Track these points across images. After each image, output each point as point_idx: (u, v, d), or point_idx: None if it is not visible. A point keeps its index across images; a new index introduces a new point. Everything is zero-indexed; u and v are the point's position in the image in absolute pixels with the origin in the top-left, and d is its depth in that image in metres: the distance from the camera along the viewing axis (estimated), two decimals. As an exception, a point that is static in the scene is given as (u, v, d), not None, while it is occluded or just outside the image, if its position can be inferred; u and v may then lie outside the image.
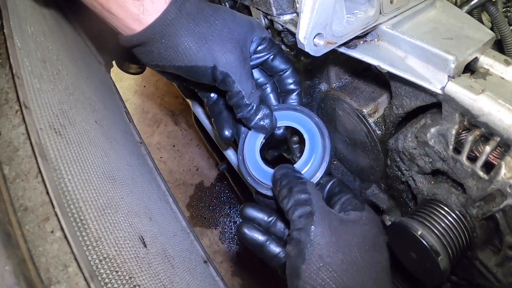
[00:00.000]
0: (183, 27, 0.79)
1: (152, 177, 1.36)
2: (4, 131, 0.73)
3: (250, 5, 0.98)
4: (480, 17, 1.04)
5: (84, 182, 0.77)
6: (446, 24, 0.82)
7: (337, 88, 1.09)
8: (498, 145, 0.71)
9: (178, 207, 1.40)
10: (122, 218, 0.84)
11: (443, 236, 0.79)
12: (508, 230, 0.74)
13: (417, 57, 0.77)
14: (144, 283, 0.76)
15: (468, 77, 0.74)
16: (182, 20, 0.79)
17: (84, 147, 0.88)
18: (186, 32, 0.79)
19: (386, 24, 0.80)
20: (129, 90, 3.26)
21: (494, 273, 0.82)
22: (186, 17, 0.79)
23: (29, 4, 1.09)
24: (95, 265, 0.66)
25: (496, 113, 0.69)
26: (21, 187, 0.68)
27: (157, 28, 0.77)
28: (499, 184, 0.70)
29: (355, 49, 0.82)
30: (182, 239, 1.25)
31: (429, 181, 0.88)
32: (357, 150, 1.13)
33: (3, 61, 0.82)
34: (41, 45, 1.00)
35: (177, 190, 2.83)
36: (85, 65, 1.40)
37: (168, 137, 3.08)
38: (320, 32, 0.72)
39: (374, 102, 1.02)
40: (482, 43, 0.77)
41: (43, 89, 0.86)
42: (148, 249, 0.88)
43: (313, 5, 0.69)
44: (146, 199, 1.13)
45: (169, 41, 0.79)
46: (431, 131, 0.80)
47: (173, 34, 0.79)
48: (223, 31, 0.81)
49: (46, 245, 0.63)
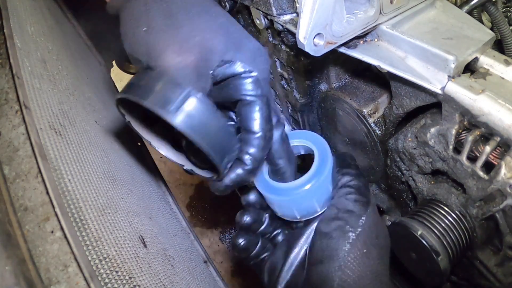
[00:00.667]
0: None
1: (152, 177, 1.37)
2: (4, 131, 0.73)
3: (250, 5, 0.98)
4: (480, 17, 1.04)
5: (84, 182, 0.77)
6: (446, 24, 0.82)
7: (337, 88, 1.09)
8: (498, 145, 0.71)
9: (178, 207, 1.40)
10: (122, 218, 0.84)
11: (443, 236, 0.79)
12: (508, 230, 0.74)
13: (417, 57, 0.77)
14: (144, 283, 0.76)
15: (468, 77, 0.74)
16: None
17: (84, 147, 0.88)
18: (135, 10, 0.67)
19: (386, 24, 0.80)
20: (129, 90, 3.25)
21: (494, 273, 0.82)
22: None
23: (29, 4, 1.09)
24: (95, 265, 0.66)
25: (496, 113, 0.69)
26: (21, 187, 0.68)
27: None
28: (499, 184, 0.70)
29: (355, 49, 0.82)
30: (182, 239, 1.25)
31: (429, 181, 0.88)
32: (357, 150, 1.13)
33: (3, 61, 0.82)
34: (41, 45, 1.00)
35: (177, 190, 2.83)
36: (85, 65, 1.40)
37: (168, 137, 3.08)
38: (320, 32, 0.72)
39: (374, 102, 1.02)
40: (482, 43, 0.77)
41: (43, 89, 0.86)
42: (148, 249, 0.88)
43: (313, 5, 0.69)
44: (146, 199, 1.13)
45: (127, 13, 0.68)
46: (431, 131, 0.80)
47: (131, 7, 0.67)
48: (179, 28, 0.65)
49: (46, 245, 0.63)
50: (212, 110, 0.63)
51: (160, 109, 0.59)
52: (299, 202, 0.71)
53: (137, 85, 0.64)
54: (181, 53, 0.64)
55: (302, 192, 0.69)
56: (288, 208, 0.73)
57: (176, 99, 0.60)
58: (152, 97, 0.60)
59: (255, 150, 0.68)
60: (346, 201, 0.67)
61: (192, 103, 0.61)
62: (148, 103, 0.59)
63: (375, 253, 0.65)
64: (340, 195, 0.69)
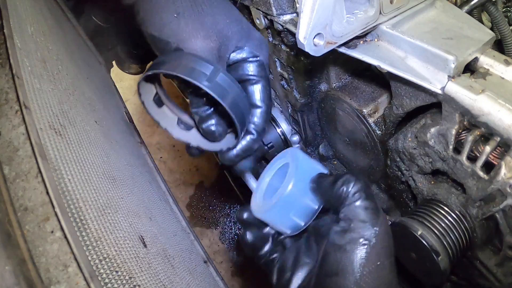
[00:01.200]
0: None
1: (152, 177, 1.37)
2: (4, 131, 0.73)
3: (250, 5, 0.98)
4: (480, 17, 1.04)
5: (84, 182, 0.77)
6: (446, 24, 0.82)
7: (337, 88, 1.09)
8: (498, 145, 0.71)
9: (178, 207, 1.40)
10: (122, 218, 0.84)
11: (443, 236, 0.79)
12: (508, 230, 0.74)
13: (417, 57, 0.77)
14: (144, 283, 0.76)
15: (468, 77, 0.74)
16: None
17: (84, 147, 0.88)
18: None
19: (386, 24, 0.80)
20: (129, 90, 3.25)
21: (494, 273, 0.82)
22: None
23: (29, 4, 1.09)
24: (95, 265, 0.66)
25: (496, 113, 0.69)
26: (21, 187, 0.68)
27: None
28: (499, 184, 0.70)
29: (355, 49, 0.82)
30: (182, 239, 1.25)
31: (429, 181, 0.88)
32: (357, 150, 1.13)
33: (3, 61, 0.82)
34: (41, 45, 1.00)
35: (177, 190, 2.83)
36: (85, 65, 1.40)
37: (168, 137, 3.06)
38: (320, 32, 0.72)
39: (374, 102, 1.02)
40: (482, 43, 0.77)
41: (43, 89, 0.86)
42: (148, 249, 0.88)
43: (313, 5, 0.69)
44: (146, 199, 1.13)
45: (149, 1, 0.75)
46: (431, 131, 0.80)
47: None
48: (205, 16, 0.75)
49: (46, 245, 0.63)
50: (236, 84, 0.75)
51: (199, 82, 0.69)
52: (275, 219, 0.74)
53: (173, 63, 0.73)
54: (207, 38, 0.75)
55: (272, 208, 0.72)
56: (274, 225, 0.76)
57: (210, 73, 0.71)
58: (190, 72, 0.71)
59: (259, 121, 0.81)
60: (357, 210, 0.66)
61: (222, 77, 0.72)
62: (189, 77, 0.70)
63: (388, 264, 0.65)
64: (349, 203, 0.67)
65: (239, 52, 0.80)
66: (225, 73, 0.73)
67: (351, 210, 0.66)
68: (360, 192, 0.67)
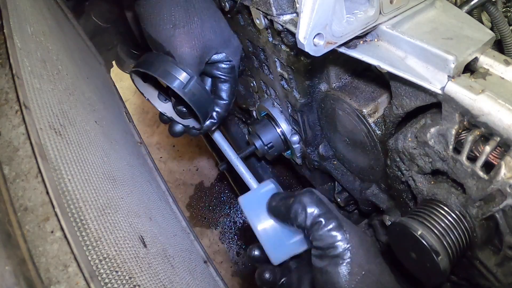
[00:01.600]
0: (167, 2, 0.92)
1: (152, 177, 1.37)
2: (4, 131, 0.73)
3: (250, 5, 0.98)
4: (480, 17, 1.04)
5: (84, 182, 0.77)
6: (446, 24, 0.82)
7: (337, 88, 1.09)
8: (498, 145, 0.71)
9: (178, 207, 1.40)
10: (122, 218, 0.84)
11: (443, 236, 0.79)
12: (508, 230, 0.74)
13: (417, 57, 0.77)
14: (144, 283, 0.76)
15: (468, 77, 0.74)
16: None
17: (84, 147, 0.88)
18: (166, 8, 0.92)
19: (386, 24, 0.80)
20: (129, 90, 3.25)
21: (494, 273, 0.82)
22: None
23: (29, 4, 1.09)
24: (95, 265, 0.66)
25: (496, 113, 0.69)
26: (21, 187, 0.68)
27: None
28: (499, 184, 0.70)
29: (355, 49, 0.82)
30: (182, 239, 1.25)
31: (429, 181, 0.88)
32: (357, 150, 1.13)
33: (3, 61, 0.82)
34: (41, 45, 1.00)
35: (177, 190, 2.83)
36: (85, 65, 1.40)
37: (168, 137, 3.08)
38: (320, 32, 0.72)
39: (374, 102, 1.02)
40: (482, 43, 0.77)
41: (43, 89, 0.86)
42: (148, 249, 0.88)
43: (313, 5, 0.69)
44: (146, 199, 1.13)
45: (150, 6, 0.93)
46: (431, 131, 0.80)
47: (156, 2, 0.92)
48: (195, 29, 0.94)
49: (46, 245, 0.63)
50: (203, 89, 1.00)
51: (176, 87, 0.96)
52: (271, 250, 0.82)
53: (157, 66, 0.97)
54: (193, 48, 0.96)
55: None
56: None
57: (185, 80, 0.96)
58: (170, 78, 0.96)
59: (221, 111, 1.08)
60: (322, 237, 0.66)
61: (193, 84, 0.97)
62: (168, 82, 0.96)
63: (375, 267, 0.65)
64: (312, 231, 0.68)
65: (217, 55, 1.02)
66: (197, 81, 0.97)
67: (317, 239, 0.67)
68: (316, 218, 0.68)
